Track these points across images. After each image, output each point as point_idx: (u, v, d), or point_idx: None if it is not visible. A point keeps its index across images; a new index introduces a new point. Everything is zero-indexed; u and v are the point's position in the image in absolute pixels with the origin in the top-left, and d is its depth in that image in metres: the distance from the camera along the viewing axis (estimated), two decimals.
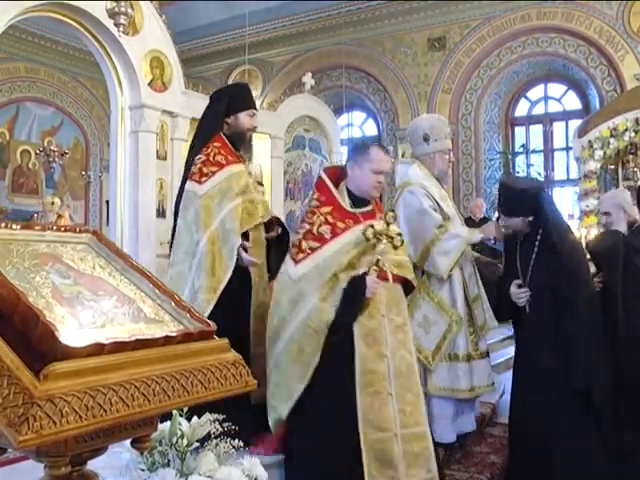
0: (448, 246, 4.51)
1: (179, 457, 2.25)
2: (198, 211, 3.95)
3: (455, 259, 4.54)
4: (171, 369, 1.57)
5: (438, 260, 4.51)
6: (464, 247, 4.59)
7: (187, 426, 2.31)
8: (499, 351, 7.35)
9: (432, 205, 4.65)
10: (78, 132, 17.63)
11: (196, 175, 4.04)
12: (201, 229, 3.92)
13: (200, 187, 4.00)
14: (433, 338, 4.57)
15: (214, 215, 3.95)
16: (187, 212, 4.01)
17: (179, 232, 4.04)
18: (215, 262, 3.87)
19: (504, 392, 6.09)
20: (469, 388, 4.60)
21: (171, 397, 1.53)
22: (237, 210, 4.02)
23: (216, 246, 3.89)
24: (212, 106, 4.33)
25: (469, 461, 4.72)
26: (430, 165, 4.86)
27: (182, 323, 1.75)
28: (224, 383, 1.65)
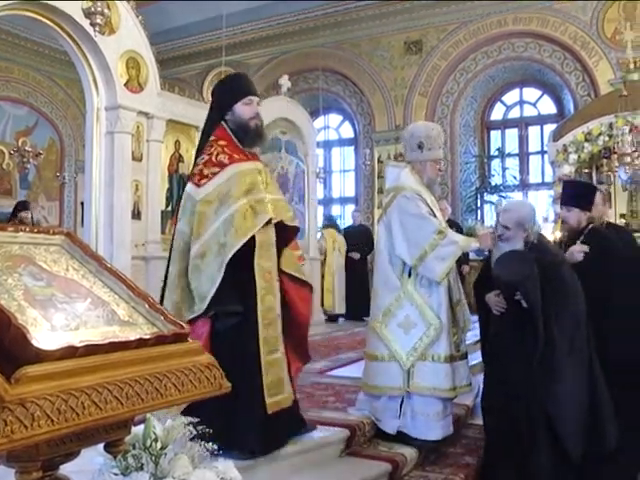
0: (446, 252, 4.60)
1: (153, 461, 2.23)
2: (194, 217, 3.80)
3: (451, 265, 4.64)
4: (145, 372, 1.56)
5: (436, 265, 4.59)
6: (459, 254, 4.70)
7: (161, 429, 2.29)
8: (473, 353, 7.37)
9: (428, 211, 4.72)
10: (53, 132, 17.50)
11: (196, 177, 3.88)
12: (193, 238, 3.78)
13: (198, 190, 3.83)
14: (411, 339, 4.64)
15: (208, 224, 3.77)
16: (184, 216, 3.85)
17: (176, 236, 3.89)
18: (201, 275, 3.73)
19: (478, 394, 6.11)
20: (452, 387, 4.65)
21: (144, 400, 1.52)
22: (235, 218, 3.80)
23: (205, 260, 3.73)
24: (211, 107, 4.20)
25: (443, 462, 4.73)
26: (421, 172, 4.93)
27: (156, 325, 1.74)
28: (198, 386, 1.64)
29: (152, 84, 9.27)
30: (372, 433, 4.79)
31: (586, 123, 12.03)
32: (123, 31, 8.82)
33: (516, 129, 15.81)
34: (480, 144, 15.96)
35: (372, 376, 4.81)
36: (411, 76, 15.41)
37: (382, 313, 4.74)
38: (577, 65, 14.04)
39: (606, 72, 13.56)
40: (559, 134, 12.46)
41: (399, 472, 4.39)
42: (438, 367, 4.62)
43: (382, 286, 4.83)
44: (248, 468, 3.54)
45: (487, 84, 15.63)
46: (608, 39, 13.57)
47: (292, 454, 4.06)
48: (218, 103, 4.12)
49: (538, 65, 14.70)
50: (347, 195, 17.27)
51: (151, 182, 9.19)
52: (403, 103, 15.45)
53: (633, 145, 10.90)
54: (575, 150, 12.03)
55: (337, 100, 16.73)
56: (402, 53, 15.50)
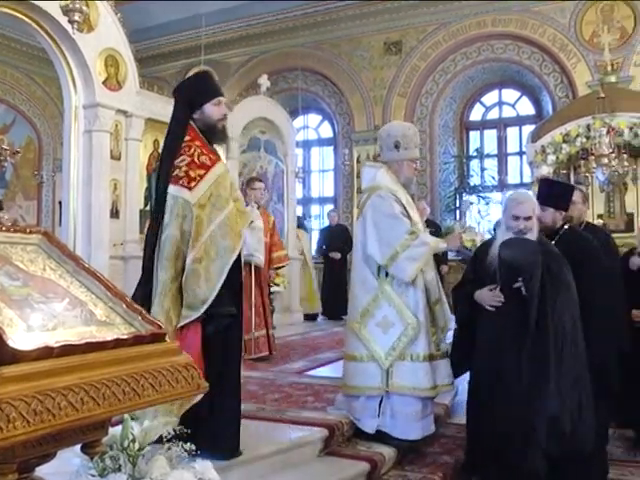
0: (416, 252, 4.62)
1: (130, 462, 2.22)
2: (186, 221, 3.74)
3: (421, 266, 4.67)
4: (122, 372, 1.55)
5: (407, 265, 4.61)
6: (429, 255, 4.74)
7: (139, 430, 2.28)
8: None
9: (402, 211, 4.73)
10: (31, 130, 17.35)
11: (184, 179, 3.76)
12: (190, 243, 3.73)
13: (191, 194, 3.75)
14: (389, 339, 4.65)
15: (204, 228, 3.75)
16: (173, 220, 3.74)
17: (165, 241, 3.75)
18: (200, 279, 3.70)
19: (457, 393, 6.14)
20: (432, 386, 4.67)
21: (122, 401, 1.51)
22: (231, 220, 3.83)
23: (203, 264, 3.71)
24: (177, 104, 4.08)
25: (422, 462, 4.74)
26: (397, 172, 4.94)
27: (133, 326, 1.73)
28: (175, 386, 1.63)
29: (131, 82, 9.23)
30: (351, 433, 4.79)
31: (564, 124, 12.12)
32: (102, 29, 8.77)
33: (495, 130, 15.88)
34: (459, 144, 16.02)
35: (351, 376, 4.81)
36: (390, 76, 15.43)
37: (360, 313, 4.74)
38: (555, 67, 14.13)
39: (584, 74, 13.66)
40: (537, 135, 12.55)
41: (378, 471, 4.40)
42: (417, 366, 4.64)
43: (359, 286, 4.84)
44: (226, 468, 3.54)
45: (466, 85, 15.69)
46: (586, 41, 13.67)
47: (270, 454, 4.06)
48: (186, 101, 4.01)
49: (517, 66, 14.77)
50: (326, 195, 17.27)
51: (130, 181, 9.15)
52: (382, 103, 15.47)
53: (610, 146, 10.99)
54: (553, 151, 12.12)
55: (316, 100, 16.73)
56: (382, 53, 15.52)
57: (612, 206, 12.12)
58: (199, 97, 4.01)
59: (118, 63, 9.05)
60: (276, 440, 4.18)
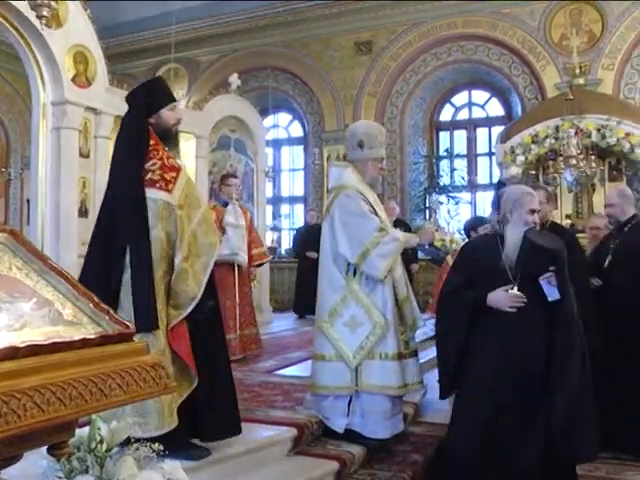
0: (387, 249, 4.64)
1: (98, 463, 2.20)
2: (169, 223, 3.79)
3: (392, 262, 4.68)
4: (89, 372, 1.53)
5: (378, 262, 4.62)
6: (400, 250, 4.76)
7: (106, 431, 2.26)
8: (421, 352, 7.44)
9: (369, 209, 4.74)
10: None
11: (160, 182, 3.80)
12: (177, 244, 3.79)
13: (171, 196, 3.81)
14: (357, 338, 4.65)
15: (186, 227, 3.82)
16: (158, 222, 3.77)
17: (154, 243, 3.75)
18: (189, 278, 3.78)
19: (426, 392, 6.17)
20: (401, 385, 4.68)
21: (88, 401, 1.49)
22: (207, 218, 3.95)
23: (189, 262, 3.79)
24: (133, 109, 4.09)
25: (391, 460, 4.75)
26: (363, 171, 4.95)
27: (101, 325, 1.71)
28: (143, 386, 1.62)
29: (100, 79, 9.15)
30: (320, 432, 4.80)
31: (533, 126, 12.26)
32: (71, 25, 8.68)
33: (465, 130, 15.97)
34: (429, 145, 16.09)
35: (320, 376, 4.81)
36: (361, 76, 15.46)
37: (328, 313, 4.74)
38: (525, 69, 14.25)
39: (553, 76, 13.79)
40: (507, 136, 12.67)
41: (347, 470, 4.41)
42: (386, 365, 4.65)
43: (327, 286, 4.84)
44: (195, 469, 3.53)
45: (436, 85, 15.76)
46: (555, 44, 13.81)
47: (239, 454, 4.05)
48: (144, 106, 4.02)
49: (487, 68, 14.87)
50: (296, 194, 17.26)
51: (99, 179, 9.04)
52: (353, 103, 15.50)
53: (578, 148, 11.13)
54: (522, 152, 12.25)
55: (287, 99, 16.72)
56: (352, 53, 15.54)
57: (580, 206, 12.27)
58: (156, 102, 4.04)
59: (87, 60, 8.96)
60: (245, 440, 4.16)
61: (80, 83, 8.85)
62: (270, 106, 15.47)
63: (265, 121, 14.86)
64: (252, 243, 7.93)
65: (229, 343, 7.19)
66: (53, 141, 8.65)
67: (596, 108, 11.95)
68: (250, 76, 16.14)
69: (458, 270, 4.37)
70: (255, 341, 7.81)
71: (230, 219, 7.46)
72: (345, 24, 15.48)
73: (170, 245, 3.80)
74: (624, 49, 13.31)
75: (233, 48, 16.57)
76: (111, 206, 3.91)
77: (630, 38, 13.26)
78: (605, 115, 11.78)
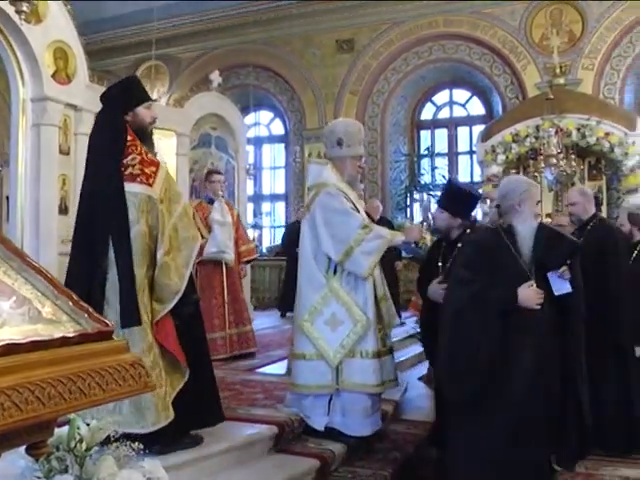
0: (371, 246, 4.62)
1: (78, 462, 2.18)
2: (152, 216, 3.81)
3: (377, 259, 4.67)
4: (67, 371, 1.52)
5: (362, 260, 4.60)
6: (385, 248, 4.71)
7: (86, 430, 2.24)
8: (402, 350, 7.47)
9: (351, 207, 4.72)
10: None
11: (141, 177, 3.81)
12: (159, 238, 3.81)
13: (153, 190, 3.83)
14: (338, 337, 4.64)
15: (167, 221, 3.85)
16: (141, 217, 3.78)
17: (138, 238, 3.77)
18: (171, 272, 3.80)
19: (407, 389, 6.19)
20: (380, 383, 4.68)
21: (67, 400, 1.48)
22: (187, 212, 3.98)
23: (171, 255, 3.82)
24: (109, 106, 4.09)
25: (372, 457, 4.76)
26: (341, 169, 4.93)
27: (80, 323, 1.69)
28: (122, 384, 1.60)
29: (81, 76, 9.08)
30: (301, 430, 4.79)
31: (514, 125, 12.33)
32: (50, 20, 8.61)
33: (446, 129, 16.03)
34: (410, 143, 16.13)
35: (300, 375, 4.79)
36: (342, 74, 15.47)
37: (308, 311, 4.72)
38: (506, 68, 14.32)
39: (533, 76, 13.88)
40: (487, 135, 12.73)
41: (328, 468, 4.41)
42: (367, 363, 4.65)
43: (307, 284, 4.82)
44: (176, 467, 3.52)
45: (418, 84, 15.80)
46: (535, 44, 13.90)
47: (220, 452, 4.05)
48: (121, 103, 4.04)
49: (468, 67, 14.93)
50: (277, 192, 17.25)
51: (79, 177, 8.90)
52: (334, 101, 15.51)
53: (559, 147, 11.20)
54: (503, 151, 12.32)
55: (268, 97, 16.69)
56: (334, 51, 15.55)
57: (560, 205, 12.34)
58: (133, 100, 4.06)
59: (67, 56, 8.89)
60: (226, 438, 4.16)
61: (60, 79, 8.78)
62: (251, 104, 15.44)
63: (246, 119, 14.83)
64: (239, 240, 7.83)
65: (215, 342, 7.20)
66: (33, 138, 8.58)
67: (576, 108, 12.03)
68: (231, 73, 16.11)
69: (471, 269, 3.90)
70: (247, 339, 7.66)
71: (217, 216, 7.38)
72: (327, 22, 15.49)
73: (152, 239, 3.81)
74: (604, 49, 13.42)
75: (214, 45, 16.53)
76: (90, 203, 3.90)
77: (610, 39, 13.38)
78: (585, 115, 11.86)
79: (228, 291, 7.46)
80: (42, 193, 8.50)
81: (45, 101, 8.54)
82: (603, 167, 12.57)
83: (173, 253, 3.81)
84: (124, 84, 4.24)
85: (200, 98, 11.92)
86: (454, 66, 15.14)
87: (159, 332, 3.76)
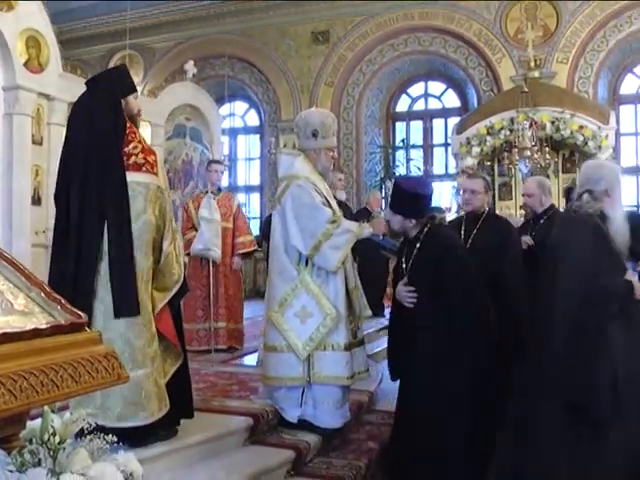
0: (340, 241, 4.59)
1: (51, 456, 2.16)
2: (157, 206, 3.81)
3: (346, 253, 4.65)
4: (40, 363, 1.50)
5: (330, 254, 4.58)
6: (354, 242, 4.70)
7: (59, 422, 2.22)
8: (376, 341, 7.48)
9: (322, 200, 4.70)
10: None
11: (146, 166, 3.79)
12: (166, 226, 3.84)
13: (159, 179, 3.84)
14: (307, 329, 4.62)
15: (169, 211, 3.90)
16: (148, 207, 3.75)
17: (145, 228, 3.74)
18: (174, 261, 3.87)
19: (382, 380, 6.20)
20: (351, 375, 4.68)
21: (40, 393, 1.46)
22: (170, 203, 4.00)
23: (173, 245, 3.89)
24: (104, 92, 3.94)
25: (347, 448, 4.78)
26: (315, 160, 4.90)
27: (53, 315, 1.68)
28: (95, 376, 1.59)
29: (53, 65, 8.99)
30: (276, 421, 4.79)
31: (489, 117, 12.40)
32: (23, 8, 8.51)
33: (421, 121, 16.06)
34: (385, 135, 16.15)
35: (271, 367, 4.77)
36: (317, 66, 15.44)
37: (278, 303, 4.70)
38: (481, 61, 14.37)
39: (508, 69, 13.95)
40: (462, 127, 12.79)
41: (303, 459, 4.42)
42: (338, 356, 4.63)
43: (277, 276, 4.79)
44: (151, 459, 3.50)
45: (393, 76, 15.81)
46: (510, 37, 13.96)
47: (194, 444, 4.04)
48: (116, 90, 3.95)
49: (443, 59, 14.96)
50: (252, 183, 17.20)
51: (52, 167, 8.89)
52: (309, 93, 15.48)
53: (533, 140, 11.29)
54: (478, 143, 12.39)
55: (243, 88, 16.61)
56: (309, 43, 15.51)
57: None
58: (125, 88, 4.00)
59: (40, 44, 8.80)
60: (201, 429, 4.15)
61: (32, 68, 8.69)
62: (226, 95, 15.38)
63: (221, 110, 14.77)
64: (237, 231, 7.60)
65: (196, 333, 7.17)
66: (5, 127, 8.49)
67: (550, 101, 12.12)
68: (206, 64, 16.01)
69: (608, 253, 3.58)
70: (234, 337, 7.52)
71: (204, 213, 7.27)
72: (302, 13, 15.43)
73: (157, 230, 3.81)
74: (578, 43, 13.51)
75: (189, 35, 16.40)
76: (83, 191, 3.74)
77: (584, 33, 13.47)
78: (559, 108, 11.95)
79: (215, 284, 7.37)
80: (15, 183, 8.42)
81: (17, 90, 8.46)
82: (577, 160, 12.66)
83: (174, 242, 3.88)
84: (118, 71, 4.21)
85: (174, 88, 11.88)
86: (429, 58, 15.17)
87: (159, 321, 3.79)
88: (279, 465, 4.25)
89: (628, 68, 14.15)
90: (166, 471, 3.68)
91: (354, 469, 4.42)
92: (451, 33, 14.50)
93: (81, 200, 3.74)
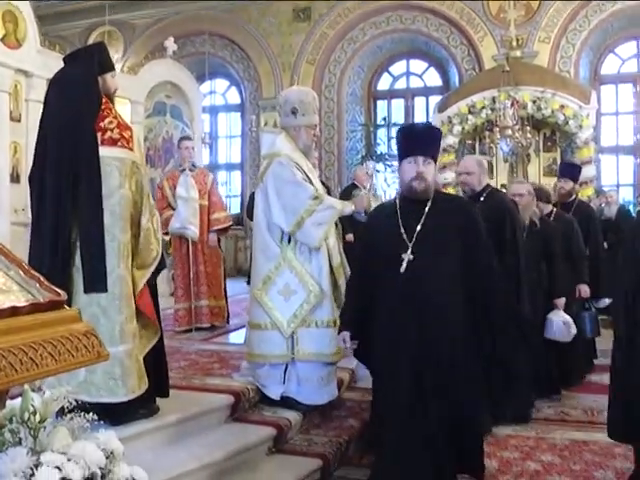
0: (322, 217, 4.63)
1: (31, 435, 2.15)
2: (133, 182, 3.79)
3: (328, 230, 4.68)
4: (19, 341, 1.49)
5: (312, 231, 4.61)
6: (336, 218, 4.75)
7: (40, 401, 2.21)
8: None
9: (303, 177, 4.71)
10: None
11: (122, 141, 3.77)
12: (144, 202, 3.83)
13: (135, 154, 3.83)
14: (291, 307, 4.66)
15: (146, 186, 3.89)
16: (125, 182, 3.73)
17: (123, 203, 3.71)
18: (152, 237, 3.86)
19: None
20: (335, 352, 4.70)
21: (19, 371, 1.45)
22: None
23: (152, 220, 3.89)
24: (82, 64, 3.92)
25: (328, 425, 4.81)
26: (296, 138, 4.92)
27: (31, 293, 1.66)
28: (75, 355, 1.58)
29: (31, 40, 8.86)
30: (257, 399, 4.80)
31: (470, 96, 12.40)
32: None
33: (402, 100, 16.04)
34: (367, 113, 16.12)
35: (255, 344, 4.80)
36: (299, 43, 15.36)
37: (262, 281, 4.72)
38: (463, 40, 14.35)
39: (490, 48, 13.94)
40: (444, 106, 12.78)
41: (284, 436, 4.44)
42: (323, 332, 4.67)
43: (260, 254, 4.82)
44: (132, 437, 3.51)
45: (374, 54, 15.76)
46: (493, 16, 13.94)
47: (176, 421, 4.04)
48: (96, 64, 3.91)
49: (425, 38, 14.92)
50: (233, 161, 17.13)
51: (31, 144, 8.71)
52: (290, 70, 15.40)
53: (514, 119, 11.31)
54: (459, 122, 12.41)
55: (224, 65, 16.50)
56: (290, 20, 15.41)
57: (515, 176, 12.48)
58: (104, 65, 3.97)
59: (17, 19, 8.66)
60: (182, 407, 4.15)
61: (9, 44, 8.57)
62: (207, 72, 15.26)
63: (202, 87, 14.66)
64: (211, 207, 7.53)
65: (176, 313, 7.16)
66: None
67: (532, 80, 12.12)
68: (187, 41, 15.88)
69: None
70: (215, 314, 7.50)
71: (181, 191, 7.23)
72: None
73: (135, 205, 3.79)
74: (560, 23, 13.51)
75: (169, 12, 16.22)
76: (59, 166, 3.72)
77: (566, 12, 13.47)
78: (541, 87, 11.97)
79: (195, 262, 7.34)
80: None
81: None
82: (558, 139, 12.73)
83: (152, 218, 3.86)
84: (99, 47, 4.14)
85: (155, 65, 11.76)
86: (411, 37, 15.12)
87: (139, 298, 3.78)
88: (260, 442, 4.27)
89: (609, 48, 14.19)
90: (147, 449, 3.68)
91: (335, 446, 4.45)
92: (433, 11, 14.45)
93: (57, 178, 3.71)
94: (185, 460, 3.75)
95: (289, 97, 5.01)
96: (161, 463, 3.55)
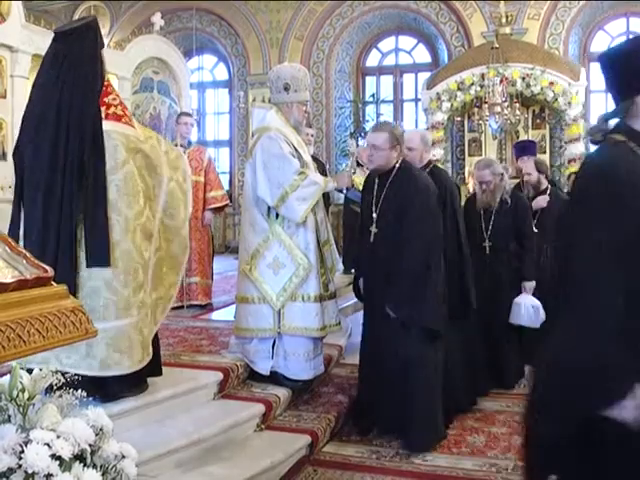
0: (306, 193, 4.64)
1: (20, 412, 2.15)
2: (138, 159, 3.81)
3: (311, 205, 4.68)
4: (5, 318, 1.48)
5: (296, 205, 4.62)
6: (320, 194, 4.75)
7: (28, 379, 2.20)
8: (347, 295, 7.52)
9: (291, 151, 4.72)
10: None
11: (125, 118, 3.81)
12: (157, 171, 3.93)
13: (136, 131, 3.83)
14: (280, 280, 4.69)
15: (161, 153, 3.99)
16: (133, 156, 3.75)
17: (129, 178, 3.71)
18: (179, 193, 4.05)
19: (351, 334, 6.25)
20: (322, 327, 4.73)
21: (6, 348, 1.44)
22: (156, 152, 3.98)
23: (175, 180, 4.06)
24: (86, 38, 3.82)
25: (316, 401, 4.85)
26: (287, 114, 4.95)
27: (17, 269, 1.65)
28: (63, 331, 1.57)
29: (16, 15, 8.76)
30: (245, 375, 4.83)
31: (459, 73, 12.37)
32: None
33: (391, 76, 15.97)
34: (355, 89, 16.03)
35: (243, 318, 4.82)
36: (287, 19, 15.24)
37: (250, 255, 4.74)
38: (452, 16, 14.27)
39: (479, 24, 13.87)
40: (433, 82, 12.74)
41: (273, 412, 4.47)
42: (309, 307, 4.70)
43: (249, 228, 4.83)
44: (121, 414, 3.53)
45: (363, 30, 15.66)
46: None
47: (165, 398, 4.05)
48: (98, 43, 3.89)
49: (414, 14, 14.83)
50: (221, 138, 17.04)
51: (16, 121, 8.69)
52: (279, 46, 15.30)
53: (503, 95, 11.30)
54: (448, 98, 12.38)
55: (212, 41, 16.36)
56: None
57: (504, 153, 12.48)
58: (101, 42, 3.95)
59: None
60: (172, 384, 4.16)
61: None
62: (194, 48, 15.16)
63: (189, 63, 14.56)
64: (208, 185, 7.44)
65: None
66: None
67: (521, 57, 12.09)
68: (174, 17, 15.73)
69: None
70: (201, 292, 7.41)
71: None
72: None
73: (142, 179, 3.80)
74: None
75: None
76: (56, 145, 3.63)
77: None
78: (530, 64, 11.93)
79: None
80: None
81: None
82: (547, 116, 12.73)
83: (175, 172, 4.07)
84: (95, 23, 4.01)
85: (142, 41, 11.66)
86: (400, 13, 15.02)
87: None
88: (249, 418, 4.29)
89: (599, 25, 14.13)
90: (137, 426, 3.69)
91: (324, 421, 4.49)
92: None
93: (54, 153, 3.64)
94: (174, 437, 3.76)
95: (281, 73, 5.02)
96: (150, 440, 3.57)
